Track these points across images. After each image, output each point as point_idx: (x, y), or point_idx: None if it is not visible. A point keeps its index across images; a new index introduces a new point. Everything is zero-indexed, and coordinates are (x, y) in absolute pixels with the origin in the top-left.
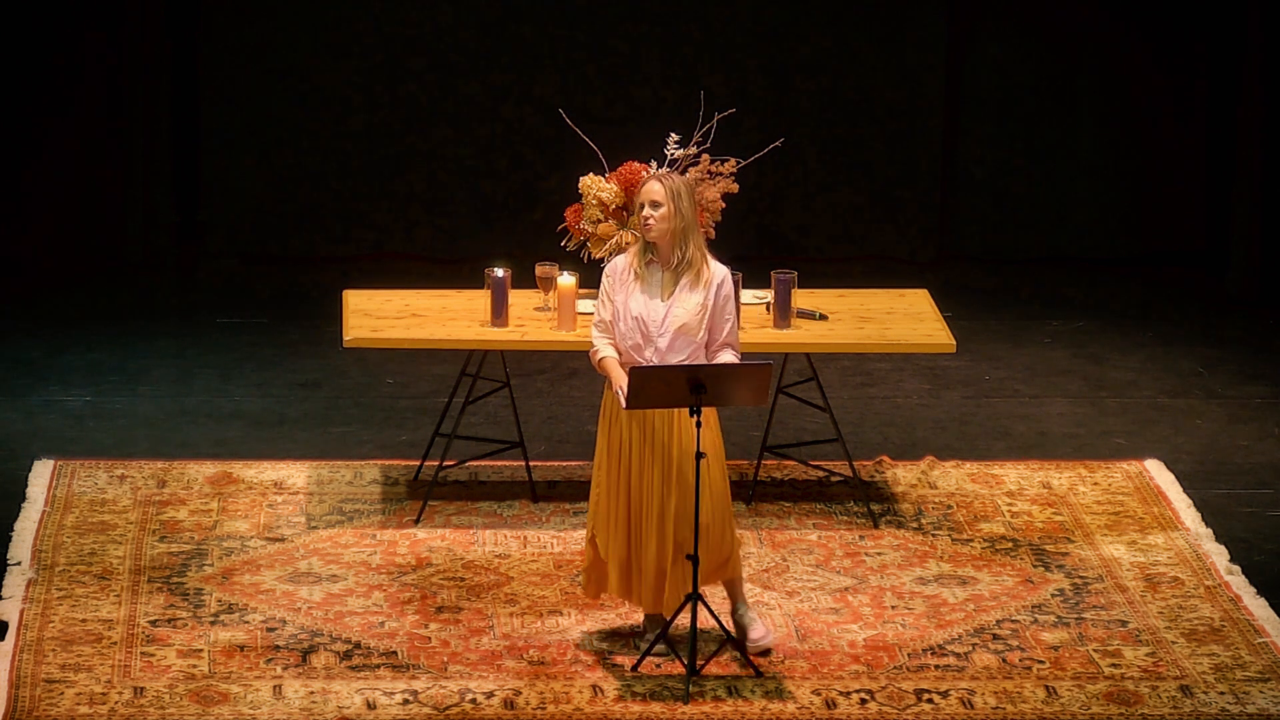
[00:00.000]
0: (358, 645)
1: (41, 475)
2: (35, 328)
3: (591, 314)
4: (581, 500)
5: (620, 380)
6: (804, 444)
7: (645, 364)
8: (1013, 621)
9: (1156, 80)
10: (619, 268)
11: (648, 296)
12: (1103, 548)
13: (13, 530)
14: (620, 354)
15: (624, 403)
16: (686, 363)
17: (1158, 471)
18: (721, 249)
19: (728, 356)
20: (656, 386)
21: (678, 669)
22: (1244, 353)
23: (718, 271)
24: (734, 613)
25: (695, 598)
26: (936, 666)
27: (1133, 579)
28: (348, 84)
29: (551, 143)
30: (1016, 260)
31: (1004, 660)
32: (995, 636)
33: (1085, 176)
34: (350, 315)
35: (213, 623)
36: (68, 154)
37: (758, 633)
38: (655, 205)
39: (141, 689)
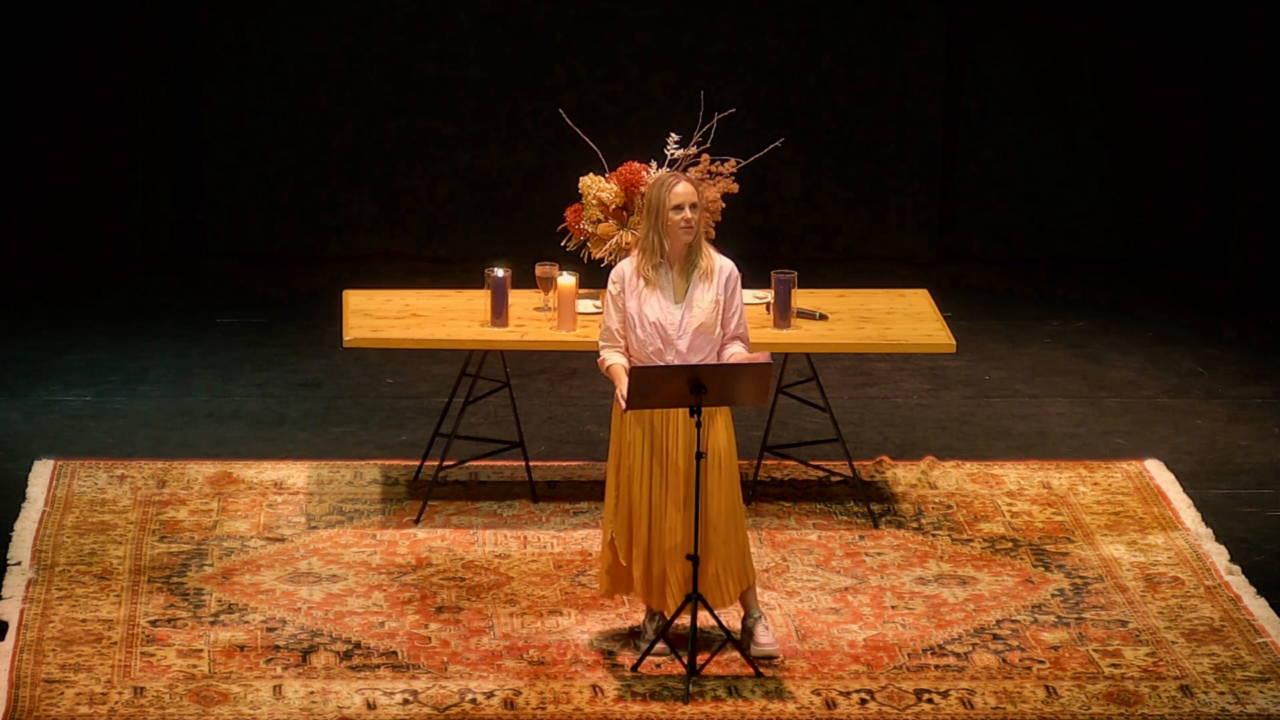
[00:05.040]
0: (358, 645)
1: (41, 475)
2: (35, 328)
3: (592, 314)
4: (581, 500)
5: (625, 386)
6: (804, 444)
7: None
8: (1013, 621)
9: (1156, 80)
10: (625, 274)
11: (661, 300)
12: (1103, 548)
13: (13, 530)
14: (629, 360)
15: (624, 404)
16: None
17: (1158, 471)
18: (722, 249)
19: (737, 348)
20: (657, 387)
21: (678, 669)
22: (1244, 353)
23: (724, 264)
24: (745, 619)
25: (695, 598)
26: (936, 666)
27: (1133, 579)
28: (348, 84)
29: (552, 143)
30: (1016, 260)
31: (1004, 660)
32: (995, 636)
33: (1085, 176)
34: (350, 315)
35: (213, 623)
36: (68, 154)
37: (765, 639)
38: (694, 207)
39: (141, 689)
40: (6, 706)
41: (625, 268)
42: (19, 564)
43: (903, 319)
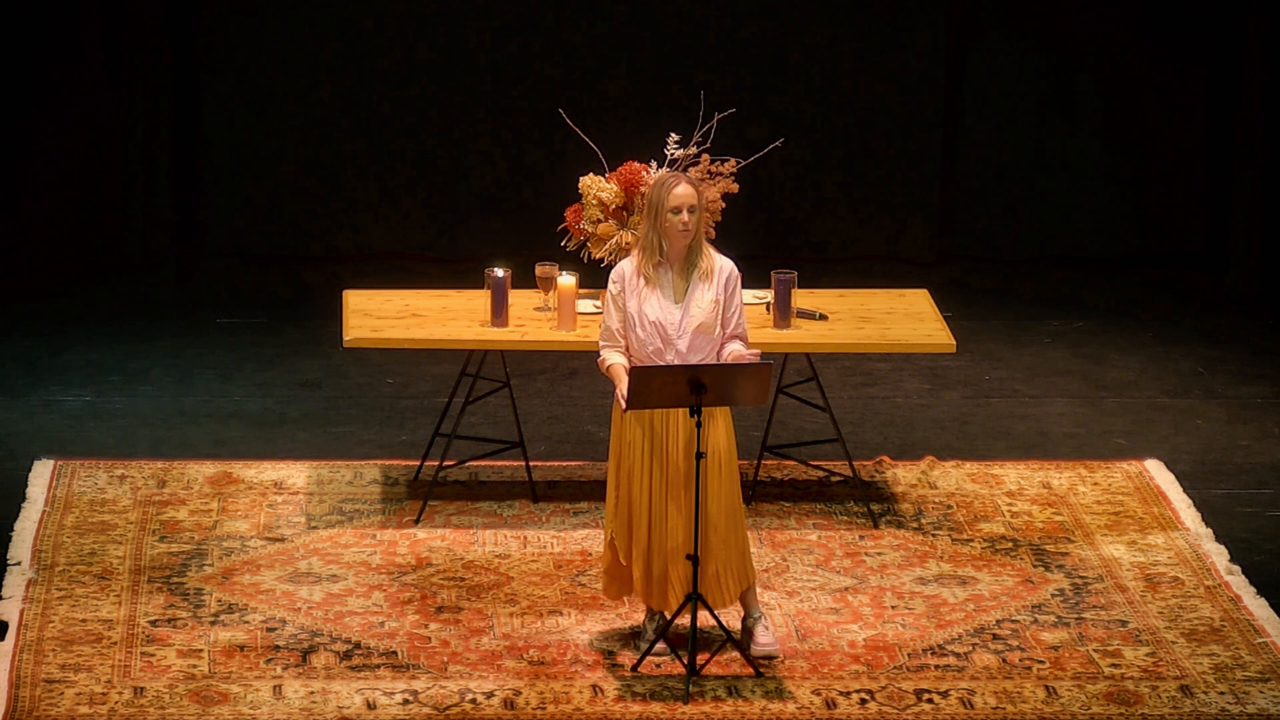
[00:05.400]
0: (358, 645)
1: (41, 475)
2: (35, 328)
3: (592, 314)
4: (581, 500)
5: (625, 386)
6: (804, 444)
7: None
8: (1013, 621)
9: (1156, 80)
10: (625, 274)
11: (662, 299)
12: (1103, 548)
13: (13, 530)
14: (629, 360)
15: (624, 404)
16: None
17: (1158, 471)
18: (722, 249)
19: (735, 346)
20: (657, 386)
21: (678, 669)
22: (1244, 353)
23: (724, 264)
24: (745, 619)
25: (695, 598)
26: (936, 666)
27: (1133, 579)
28: (348, 84)
29: (552, 143)
30: (1016, 260)
31: (1004, 660)
32: (995, 636)
33: (1085, 176)
34: (350, 315)
35: (213, 623)
36: (68, 154)
37: (765, 639)
38: (693, 210)
39: (141, 689)
40: (6, 706)
41: (626, 267)
42: (19, 564)
43: (903, 319)
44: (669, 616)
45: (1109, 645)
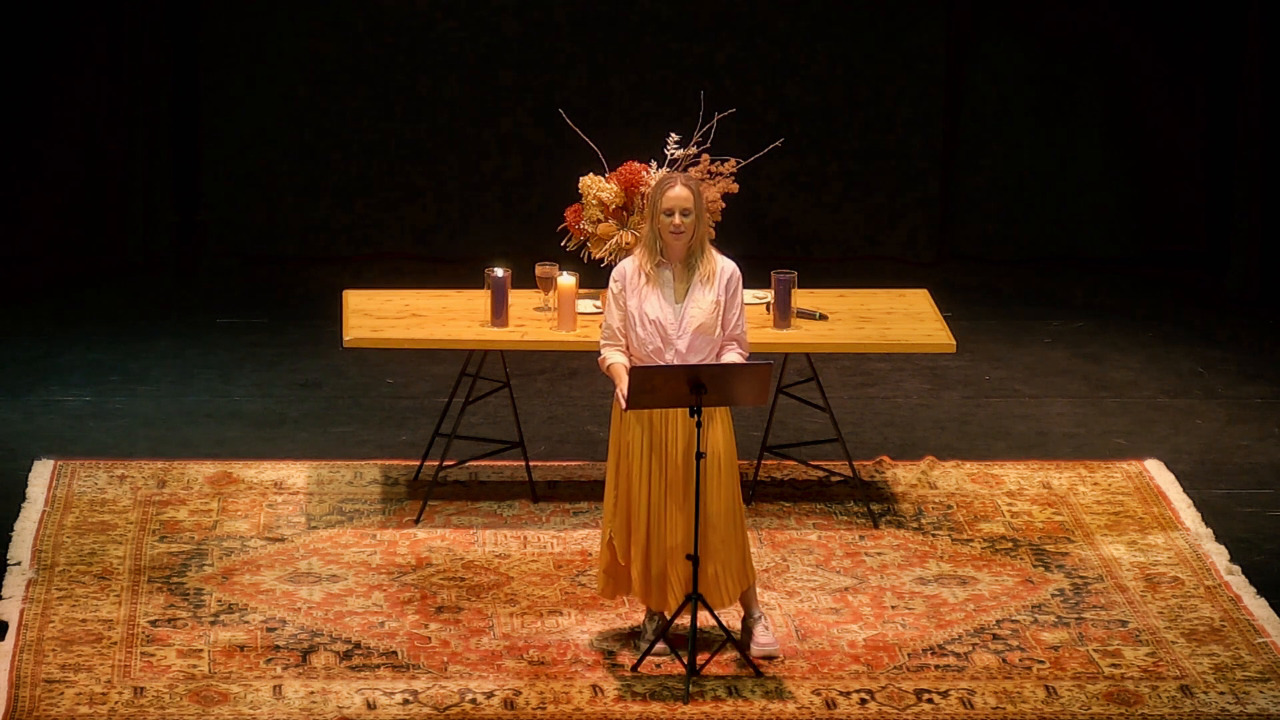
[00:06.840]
0: (358, 645)
1: (41, 475)
2: (35, 328)
3: (592, 314)
4: (581, 500)
5: (625, 385)
6: (804, 444)
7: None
8: (1013, 621)
9: (1157, 80)
10: (627, 272)
11: (662, 299)
12: (1103, 548)
13: (13, 530)
14: (630, 359)
15: (624, 403)
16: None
17: (1158, 471)
18: (722, 249)
19: (732, 354)
20: (657, 386)
21: (678, 669)
22: (1244, 353)
23: (725, 265)
24: (745, 619)
25: (695, 598)
26: (936, 666)
27: (1133, 579)
28: (348, 84)
29: (551, 143)
30: (1016, 260)
31: (1004, 660)
32: (995, 636)
33: (1085, 176)
34: (350, 315)
35: (213, 623)
36: (68, 154)
37: (765, 639)
38: (686, 213)
39: (141, 689)
40: (6, 706)
41: (627, 265)
42: (19, 564)
43: (903, 319)
44: (668, 617)
45: (1109, 645)
